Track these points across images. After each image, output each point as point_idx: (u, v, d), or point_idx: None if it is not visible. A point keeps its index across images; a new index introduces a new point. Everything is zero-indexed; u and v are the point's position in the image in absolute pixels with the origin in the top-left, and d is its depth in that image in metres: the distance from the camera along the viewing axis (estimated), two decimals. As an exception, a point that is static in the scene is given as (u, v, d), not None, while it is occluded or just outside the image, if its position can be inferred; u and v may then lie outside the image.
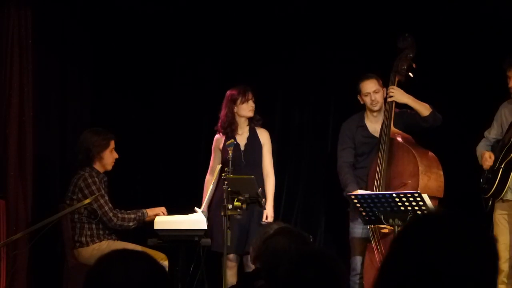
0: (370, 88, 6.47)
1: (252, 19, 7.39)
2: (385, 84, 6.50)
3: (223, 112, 6.68)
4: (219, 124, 6.70)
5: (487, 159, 6.22)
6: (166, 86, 7.51)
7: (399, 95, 6.42)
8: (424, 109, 6.44)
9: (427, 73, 6.90)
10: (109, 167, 6.26)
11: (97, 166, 6.20)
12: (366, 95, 6.49)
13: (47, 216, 5.87)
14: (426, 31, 7.00)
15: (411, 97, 6.45)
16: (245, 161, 6.60)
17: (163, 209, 6.25)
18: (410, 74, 6.46)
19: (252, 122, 6.75)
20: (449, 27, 7.12)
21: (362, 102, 6.56)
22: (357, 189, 6.28)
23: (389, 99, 6.41)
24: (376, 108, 6.52)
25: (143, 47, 7.46)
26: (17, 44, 6.64)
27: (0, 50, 6.63)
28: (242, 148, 6.66)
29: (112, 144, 6.22)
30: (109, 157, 6.21)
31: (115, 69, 7.49)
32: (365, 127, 6.59)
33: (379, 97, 6.49)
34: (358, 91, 6.54)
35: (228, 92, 6.69)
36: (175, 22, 7.43)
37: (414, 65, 6.46)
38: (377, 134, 6.51)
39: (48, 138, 7.01)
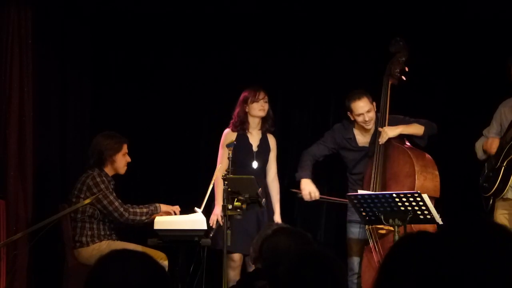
0: (363, 109, 6.42)
1: (252, 19, 7.39)
2: (381, 88, 6.47)
3: (236, 111, 6.68)
4: (231, 122, 6.70)
5: (492, 144, 6.20)
6: (166, 86, 7.51)
7: (391, 132, 6.36)
8: (417, 129, 6.41)
9: (427, 73, 6.90)
10: (122, 171, 6.25)
11: (108, 169, 6.20)
12: (358, 116, 6.45)
13: (47, 216, 5.86)
14: (426, 30, 7.00)
15: (401, 126, 6.40)
16: (257, 162, 6.59)
17: (176, 208, 6.22)
18: (403, 77, 6.46)
19: (265, 126, 6.73)
20: (448, 27, 7.12)
21: (352, 119, 6.53)
22: (307, 178, 6.48)
23: (381, 141, 6.32)
24: (370, 126, 6.50)
25: (143, 47, 7.46)
26: (17, 44, 6.63)
27: (0, 50, 6.62)
28: (255, 149, 6.66)
29: (125, 148, 6.23)
30: (122, 161, 6.21)
31: (115, 69, 7.49)
32: (353, 139, 6.58)
33: (372, 115, 6.46)
34: (349, 110, 6.48)
35: (243, 92, 6.69)
36: (175, 22, 7.43)
37: (406, 68, 6.46)
38: (366, 145, 6.51)
39: (48, 138, 7.01)
